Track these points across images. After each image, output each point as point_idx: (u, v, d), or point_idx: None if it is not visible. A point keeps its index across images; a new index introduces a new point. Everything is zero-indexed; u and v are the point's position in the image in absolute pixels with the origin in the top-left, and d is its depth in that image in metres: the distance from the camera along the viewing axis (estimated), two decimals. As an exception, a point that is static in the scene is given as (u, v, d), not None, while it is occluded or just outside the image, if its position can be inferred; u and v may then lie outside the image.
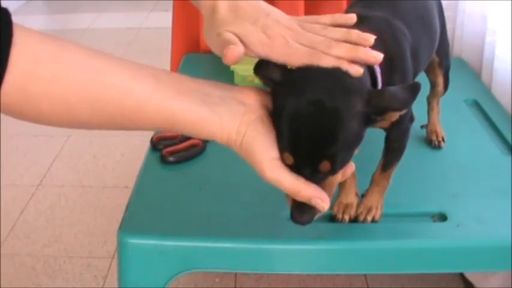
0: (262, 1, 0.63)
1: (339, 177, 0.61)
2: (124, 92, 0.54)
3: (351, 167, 0.62)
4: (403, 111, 0.59)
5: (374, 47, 0.66)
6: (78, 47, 0.53)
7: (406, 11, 0.78)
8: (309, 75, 0.59)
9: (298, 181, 0.58)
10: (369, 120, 0.59)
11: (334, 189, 0.62)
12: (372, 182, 0.82)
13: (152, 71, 0.57)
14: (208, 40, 0.62)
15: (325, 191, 0.59)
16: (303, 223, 0.61)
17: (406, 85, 0.61)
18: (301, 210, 0.60)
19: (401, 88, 0.60)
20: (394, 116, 0.59)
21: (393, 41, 0.72)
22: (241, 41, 0.59)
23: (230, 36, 0.59)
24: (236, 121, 0.58)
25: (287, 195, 0.61)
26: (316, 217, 0.61)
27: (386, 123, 0.74)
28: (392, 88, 0.60)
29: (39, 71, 0.49)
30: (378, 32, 0.69)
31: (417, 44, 0.77)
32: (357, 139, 0.59)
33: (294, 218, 0.61)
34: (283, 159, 0.58)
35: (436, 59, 0.94)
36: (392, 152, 0.80)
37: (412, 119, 0.79)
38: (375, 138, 0.80)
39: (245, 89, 0.61)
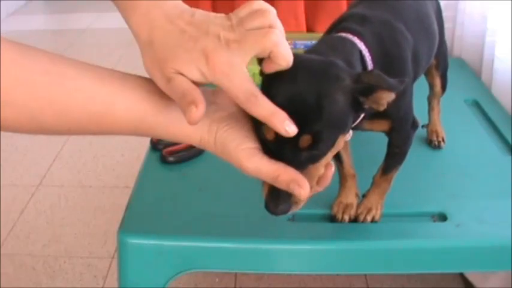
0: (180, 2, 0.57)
1: (320, 169, 0.58)
2: (89, 96, 0.53)
3: (330, 169, 0.59)
4: (392, 96, 0.56)
5: (372, 47, 0.66)
6: (40, 51, 0.52)
7: (407, 14, 0.78)
8: (300, 62, 0.56)
9: (277, 165, 0.56)
10: (357, 103, 0.56)
11: (314, 181, 0.58)
12: (372, 184, 0.82)
13: (118, 74, 0.55)
14: (157, 81, 0.55)
15: None
16: (278, 213, 0.58)
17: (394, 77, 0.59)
18: (276, 199, 0.58)
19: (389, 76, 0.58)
20: (383, 98, 0.56)
21: (393, 43, 0.72)
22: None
23: (185, 85, 0.53)
24: (207, 120, 0.56)
25: (263, 184, 0.59)
26: (293, 209, 0.58)
27: (380, 126, 0.73)
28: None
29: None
30: (377, 33, 0.69)
31: (418, 47, 0.77)
32: (343, 120, 0.56)
33: (268, 207, 0.58)
34: (263, 133, 0.56)
35: (434, 61, 0.94)
36: (393, 156, 0.80)
37: (415, 126, 0.79)
38: (376, 139, 0.81)
39: (217, 90, 0.58)
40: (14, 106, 0.49)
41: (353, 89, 0.55)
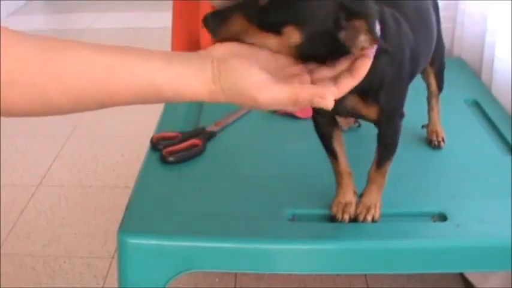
0: None
1: (327, 72, 0.59)
2: (91, 63, 0.54)
3: (363, 60, 0.58)
4: (368, 41, 0.57)
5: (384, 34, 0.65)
6: (37, 35, 0.54)
7: (409, 12, 0.78)
8: None
9: (291, 87, 0.56)
10: (337, 24, 0.57)
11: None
12: (368, 180, 0.82)
13: (115, 46, 0.57)
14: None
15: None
16: (213, 30, 0.60)
17: None
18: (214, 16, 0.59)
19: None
20: (360, 36, 0.56)
21: (398, 35, 0.72)
22: None
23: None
24: (208, 69, 0.57)
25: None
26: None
27: (368, 111, 0.74)
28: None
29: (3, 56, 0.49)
30: (388, 22, 0.69)
31: (417, 45, 0.77)
32: (318, 18, 0.57)
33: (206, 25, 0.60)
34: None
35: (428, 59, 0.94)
36: (385, 147, 0.80)
37: (402, 116, 0.79)
38: (370, 137, 0.81)
39: (210, 47, 0.60)
40: (20, 84, 0.51)
41: (340, 1, 0.56)
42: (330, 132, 0.81)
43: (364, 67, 0.59)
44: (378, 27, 0.59)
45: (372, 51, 0.59)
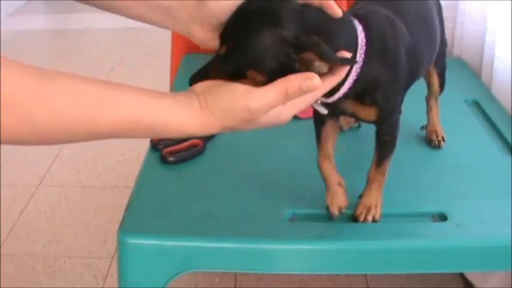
0: None
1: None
2: (80, 92, 0.54)
3: (331, 77, 0.61)
4: (324, 67, 0.59)
5: (370, 34, 0.67)
6: (26, 65, 0.53)
7: (408, 13, 0.78)
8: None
9: (276, 84, 0.57)
10: (289, 58, 0.59)
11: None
12: (368, 181, 0.82)
13: (104, 80, 0.57)
14: None
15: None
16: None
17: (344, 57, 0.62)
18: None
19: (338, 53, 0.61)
20: (314, 64, 0.58)
21: (392, 36, 0.72)
22: None
23: None
24: (194, 102, 0.58)
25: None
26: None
27: (367, 113, 0.75)
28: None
29: None
30: (378, 24, 0.70)
31: (417, 44, 0.77)
32: (260, 56, 0.60)
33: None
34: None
35: None
36: (384, 145, 0.80)
37: (399, 112, 0.79)
38: (371, 137, 0.81)
39: (191, 87, 0.62)
40: (8, 106, 0.49)
41: (285, 39, 0.59)
42: (325, 120, 0.81)
43: (343, 68, 0.61)
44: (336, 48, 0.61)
45: (343, 69, 0.61)
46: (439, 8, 0.93)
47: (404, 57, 0.74)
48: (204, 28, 0.67)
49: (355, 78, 0.67)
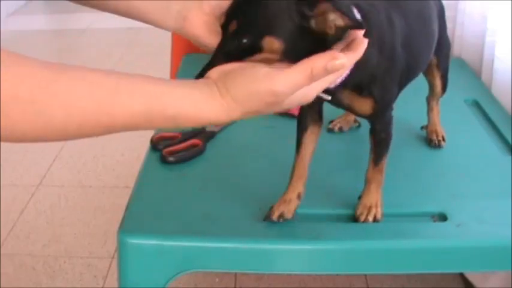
0: None
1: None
2: (95, 83, 0.51)
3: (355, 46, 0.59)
4: (340, 19, 0.57)
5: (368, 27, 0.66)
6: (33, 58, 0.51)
7: (405, 7, 0.78)
8: None
9: (302, 63, 0.55)
10: (305, 16, 0.58)
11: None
12: (366, 181, 0.82)
13: (118, 71, 0.55)
14: None
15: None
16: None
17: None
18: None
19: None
20: (329, 17, 0.57)
21: (389, 28, 0.73)
22: None
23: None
24: (214, 89, 0.55)
25: None
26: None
27: (362, 105, 0.74)
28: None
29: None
30: (375, 15, 0.70)
31: (412, 40, 0.77)
32: (275, 19, 0.58)
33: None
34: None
35: (434, 60, 0.94)
36: (380, 142, 0.80)
37: (392, 109, 0.79)
38: (365, 138, 0.81)
39: (206, 75, 0.59)
40: (19, 102, 0.48)
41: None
42: (307, 126, 0.80)
43: (362, 42, 0.59)
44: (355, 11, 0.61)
45: (359, 32, 0.60)
46: (442, 9, 0.93)
47: (400, 49, 0.74)
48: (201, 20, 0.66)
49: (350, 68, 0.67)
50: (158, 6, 0.69)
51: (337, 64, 0.55)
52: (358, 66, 0.66)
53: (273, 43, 0.59)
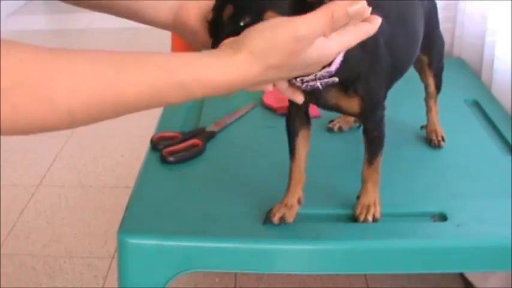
0: None
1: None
2: (99, 61, 0.50)
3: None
4: None
5: None
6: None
7: (384, 6, 0.78)
8: None
9: (323, 7, 0.54)
10: None
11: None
12: (363, 180, 0.82)
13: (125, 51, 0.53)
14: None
15: None
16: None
17: None
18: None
19: None
20: None
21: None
22: None
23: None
24: (229, 51, 0.53)
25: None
26: None
27: (350, 104, 0.74)
28: None
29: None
30: None
31: (395, 41, 0.77)
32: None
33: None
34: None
35: (425, 59, 0.94)
36: (373, 142, 0.80)
37: (383, 108, 0.79)
38: (360, 139, 0.81)
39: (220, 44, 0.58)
40: (25, 87, 0.46)
41: None
42: (298, 130, 0.80)
43: (376, 17, 0.58)
44: None
45: (376, 17, 0.60)
46: (432, 8, 0.93)
47: (383, 47, 0.74)
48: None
49: (341, 59, 0.67)
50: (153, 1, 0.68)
51: (358, 8, 0.54)
52: (343, 62, 0.66)
53: (272, 17, 0.58)
